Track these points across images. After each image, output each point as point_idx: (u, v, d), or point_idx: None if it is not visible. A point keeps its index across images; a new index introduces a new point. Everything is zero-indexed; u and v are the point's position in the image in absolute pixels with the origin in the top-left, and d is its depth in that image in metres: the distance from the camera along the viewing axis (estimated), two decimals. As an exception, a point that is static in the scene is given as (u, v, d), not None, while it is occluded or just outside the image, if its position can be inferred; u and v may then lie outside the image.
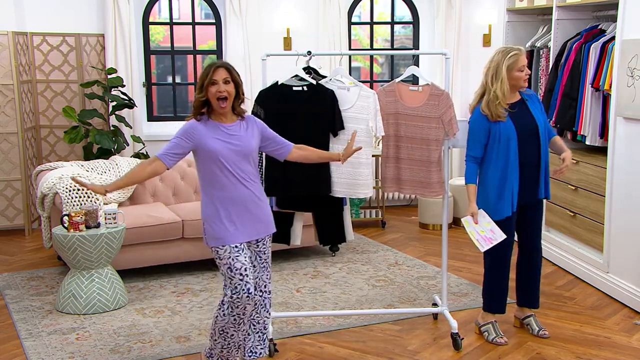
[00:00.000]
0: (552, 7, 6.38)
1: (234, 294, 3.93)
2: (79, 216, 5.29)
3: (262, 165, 4.63)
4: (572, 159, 5.95)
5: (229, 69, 3.90)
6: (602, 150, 5.84)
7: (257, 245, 4.12)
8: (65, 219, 5.31)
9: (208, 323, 5.06)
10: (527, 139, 4.57)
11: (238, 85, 3.92)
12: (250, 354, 4.23)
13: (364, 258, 6.67)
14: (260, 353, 4.25)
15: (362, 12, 8.83)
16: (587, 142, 5.97)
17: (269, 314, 4.25)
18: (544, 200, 4.92)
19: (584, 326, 4.99)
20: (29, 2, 7.64)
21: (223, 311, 3.99)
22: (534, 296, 4.91)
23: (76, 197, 5.87)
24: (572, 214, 6.08)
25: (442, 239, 4.95)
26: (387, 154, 4.81)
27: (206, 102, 3.91)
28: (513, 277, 4.88)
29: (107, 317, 5.23)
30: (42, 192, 6.11)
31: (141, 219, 5.99)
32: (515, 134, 4.52)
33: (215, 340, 4.09)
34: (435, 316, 5.16)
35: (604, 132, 5.77)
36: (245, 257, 3.96)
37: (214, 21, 8.30)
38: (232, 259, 3.93)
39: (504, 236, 4.51)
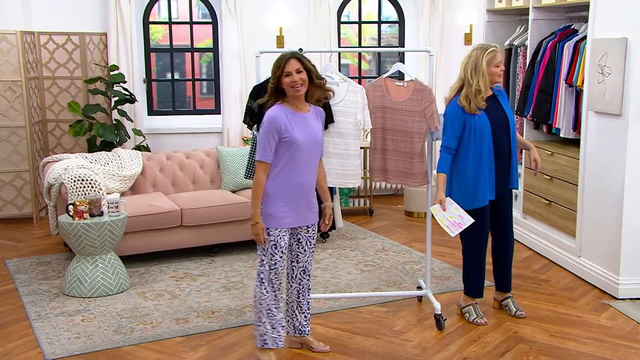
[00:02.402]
0: (528, 8, 6.38)
1: (272, 268, 3.98)
2: (83, 205, 5.29)
3: (253, 153, 4.62)
4: (548, 151, 6.02)
5: (300, 59, 3.91)
6: (575, 142, 5.86)
7: (308, 231, 4.15)
8: (71, 207, 5.30)
9: (206, 306, 5.07)
10: (499, 132, 4.59)
11: (310, 71, 3.94)
12: (299, 333, 4.33)
13: (352, 244, 6.68)
14: (307, 331, 4.35)
15: (350, 12, 8.81)
16: (562, 135, 5.99)
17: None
18: (516, 191, 4.95)
19: (558, 306, 5.03)
20: (36, 3, 7.60)
21: (265, 288, 4.02)
22: (507, 281, 4.95)
23: (80, 187, 5.86)
24: (547, 202, 6.11)
25: (426, 226, 4.97)
26: (374, 146, 4.82)
27: (281, 91, 3.93)
28: (490, 260, 4.91)
29: (110, 300, 5.23)
30: (48, 183, 6.09)
31: (142, 208, 5.99)
32: (489, 126, 4.53)
33: (264, 322, 4.06)
34: (419, 299, 5.18)
35: (576, 125, 5.79)
36: (287, 238, 4.04)
37: (210, 21, 8.28)
38: (281, 238, 3.98)
39: (472, 220, 4.50)
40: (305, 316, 4.33)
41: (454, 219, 4.51)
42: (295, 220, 4.04)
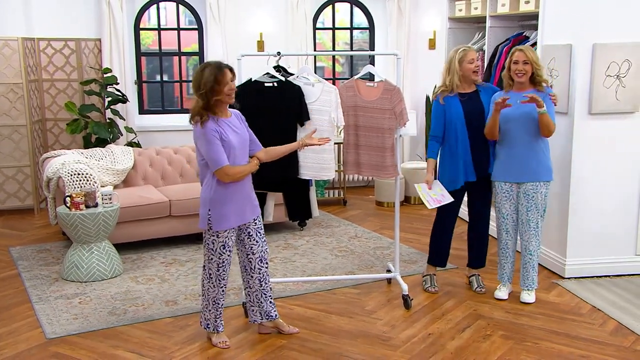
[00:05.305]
0: (485, 17, 6.41)
1: (220, 266, 3.93)
2: (79, 197, 5.24)
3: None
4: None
5: (232, 69, 3.82)
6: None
7: (256, 223, 4.06)
8: (68, 199, 5.26)
9: (193, 289, 5.06)
10: (475, 123, 4.67)
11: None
12: (267, 317, 4.23)
13: (328, 232, 6.69)
14: (275, 315, 4.25)
15: (325, 19, 8.80)
16: (516, 131, 6.02)
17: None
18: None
19: (513, 286, 5.03)
20: (36, 12, 7.52)
21: (212, 283, 3.99)
22: (475, 260, 5.08)
23: (77, 181, 5.81)
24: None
25: (395, 214, 4.99)
26: (347, 142, 4.82)
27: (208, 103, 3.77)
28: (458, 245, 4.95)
29: (105, 284, 5.20)
30: (47, 177, 6.04)
31: (133, 199, 5.95)
32: (462, 118, 4.64)
33: (210, 310, 4.08)
34: (389, 281, 5.21)
35: (530, 122, 5.82)
36: (235, 237, 3.99)
37: (196, 27, 8.22)
38: (229, 238, 3.92)
39: (452, 199, 4.66)
40: (270, 301, 4.21)
41: (436, 196, 4.67)
42: (242, 218, 3.95)
